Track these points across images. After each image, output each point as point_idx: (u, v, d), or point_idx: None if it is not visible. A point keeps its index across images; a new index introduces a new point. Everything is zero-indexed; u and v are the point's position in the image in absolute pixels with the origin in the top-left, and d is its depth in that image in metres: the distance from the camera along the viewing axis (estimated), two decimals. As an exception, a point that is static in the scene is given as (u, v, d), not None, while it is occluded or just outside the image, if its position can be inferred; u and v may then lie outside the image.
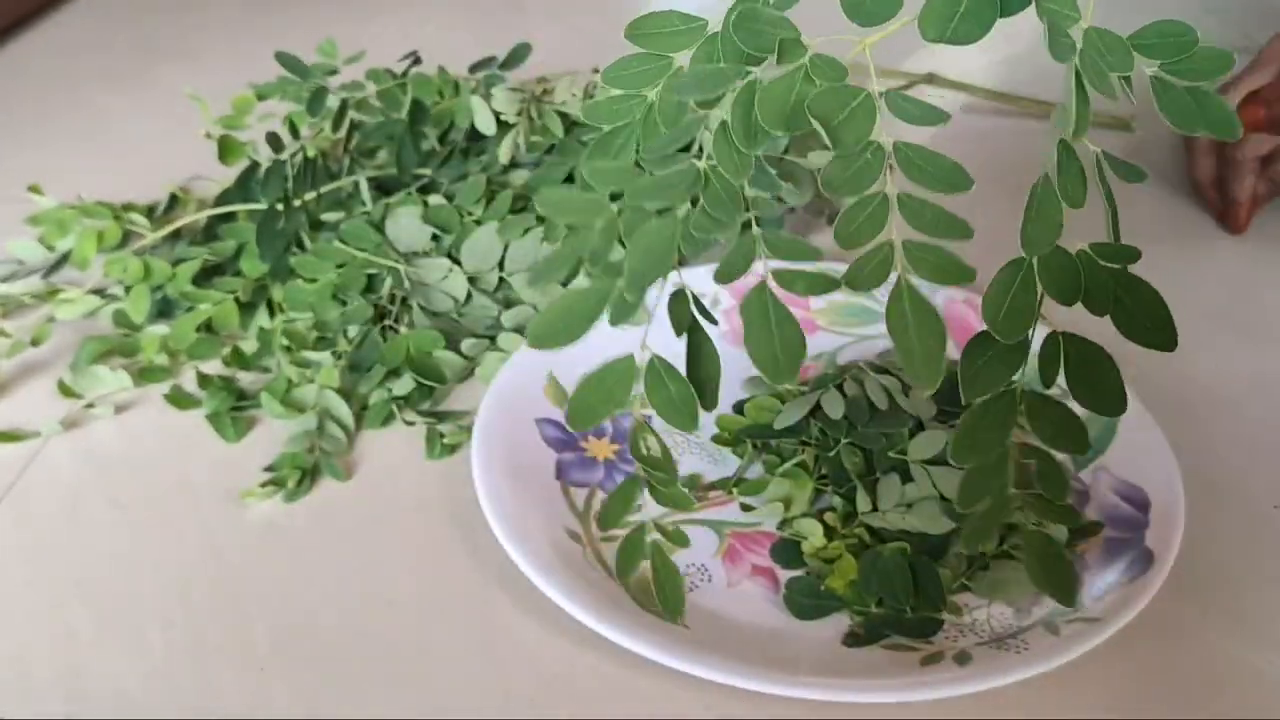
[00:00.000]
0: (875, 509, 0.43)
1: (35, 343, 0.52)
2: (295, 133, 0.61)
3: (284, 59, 0.61)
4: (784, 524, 0.43)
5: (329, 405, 0.48)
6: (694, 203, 0.32)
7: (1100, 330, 0.33)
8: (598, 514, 0.44)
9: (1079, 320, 0.33)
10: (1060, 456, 0.41)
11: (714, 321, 0.36)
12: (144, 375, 0.51)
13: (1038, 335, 0.32)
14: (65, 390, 0.50)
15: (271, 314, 0.54)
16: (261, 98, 0.61)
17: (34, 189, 0.59)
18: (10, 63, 0.87)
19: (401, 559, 0.43)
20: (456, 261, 0.53)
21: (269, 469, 0.47)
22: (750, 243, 0.32)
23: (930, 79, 0.65)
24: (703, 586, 0.41)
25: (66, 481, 0.47)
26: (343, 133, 0.58)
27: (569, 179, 0.57)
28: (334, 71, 0.61)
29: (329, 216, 0.56)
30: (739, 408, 0.48)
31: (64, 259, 0.57)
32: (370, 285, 0.52)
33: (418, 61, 0.61)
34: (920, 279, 0.31)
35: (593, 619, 0.38)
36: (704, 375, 0.35)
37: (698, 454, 0.47)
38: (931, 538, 0.41)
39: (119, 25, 0.93)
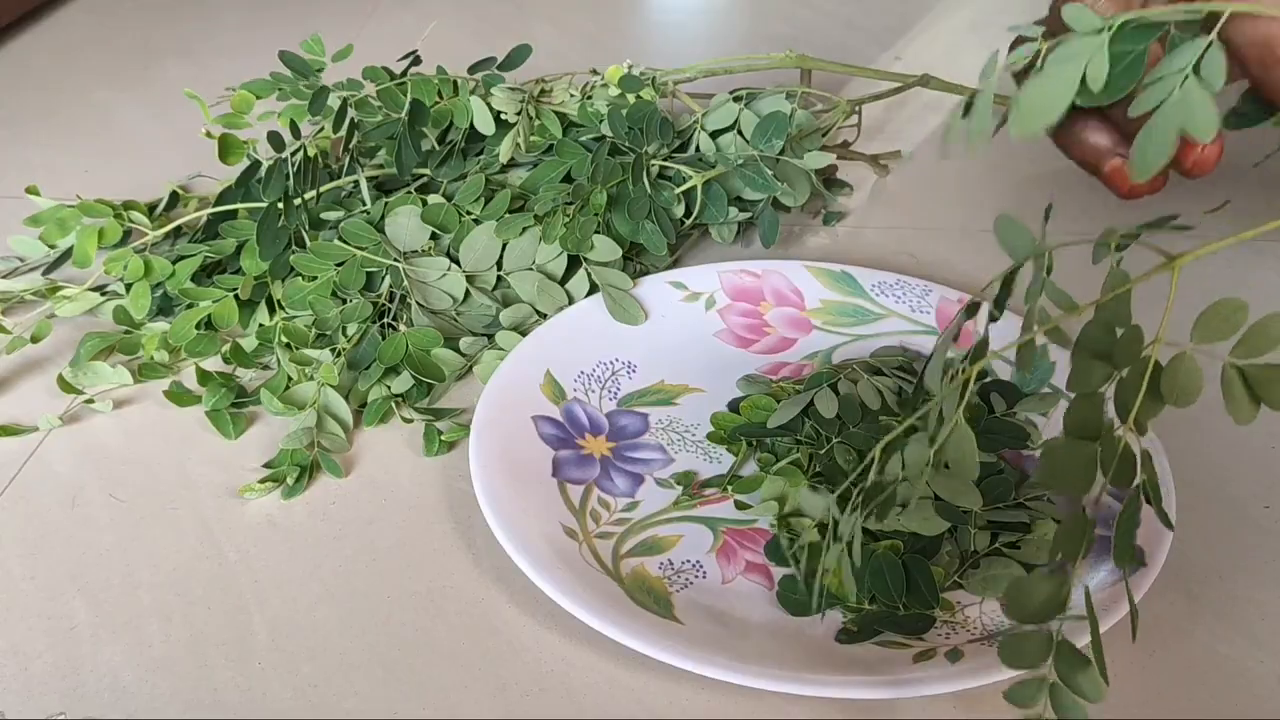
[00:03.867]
0: (869, 507, 0.43)
1: (35, 339, 0.53)
2: (296, 132, 0.61)
3: (287, 58, 0.61)
4: (779, 521, 0.44)
5: (328, 402, 0.49)
6: None
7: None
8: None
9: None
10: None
11: None
12: (144, 372, 0.52)
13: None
14: (65, 386, 0.50)
15: (271, 311, 0.54)
16: (259, 97, 0.61)
17: (31, 190, 0.60)
18: (12, 60, 0.87)
19: (399, 555, 0.43)
20: (455, 260, 0.53)
21: (268, 465, 0.47)
22: None
23: (925, 81, 0.65)
24: (697, 583, 0.41)
25: (65, 477, 0.47)
26: (343, 132, 0.58)
27: (567, 178, 0.57)
28: (322, 68, 0.61)
29: (329, 215, 0.57)
30: (734, 406, 0.48)
31: (65, 256, 0.58)
32: (369, 283, 0.53)
33: (417, 61, 0.62)
34: None
35: (588, 615, 0.38)
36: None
37: (693, 452, 0.47)
38: (924, 536, 0.42)
39: (120, 23, 0.93)
